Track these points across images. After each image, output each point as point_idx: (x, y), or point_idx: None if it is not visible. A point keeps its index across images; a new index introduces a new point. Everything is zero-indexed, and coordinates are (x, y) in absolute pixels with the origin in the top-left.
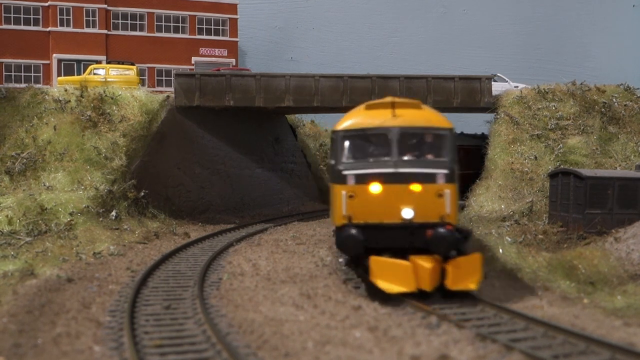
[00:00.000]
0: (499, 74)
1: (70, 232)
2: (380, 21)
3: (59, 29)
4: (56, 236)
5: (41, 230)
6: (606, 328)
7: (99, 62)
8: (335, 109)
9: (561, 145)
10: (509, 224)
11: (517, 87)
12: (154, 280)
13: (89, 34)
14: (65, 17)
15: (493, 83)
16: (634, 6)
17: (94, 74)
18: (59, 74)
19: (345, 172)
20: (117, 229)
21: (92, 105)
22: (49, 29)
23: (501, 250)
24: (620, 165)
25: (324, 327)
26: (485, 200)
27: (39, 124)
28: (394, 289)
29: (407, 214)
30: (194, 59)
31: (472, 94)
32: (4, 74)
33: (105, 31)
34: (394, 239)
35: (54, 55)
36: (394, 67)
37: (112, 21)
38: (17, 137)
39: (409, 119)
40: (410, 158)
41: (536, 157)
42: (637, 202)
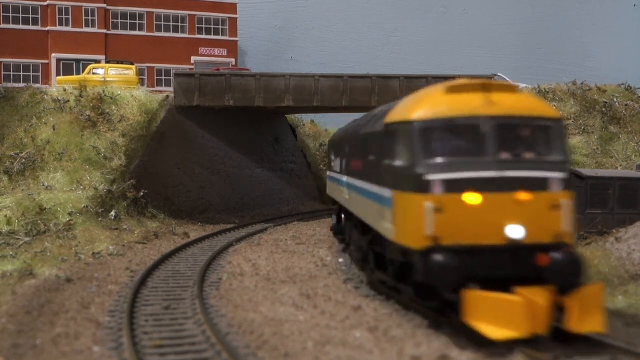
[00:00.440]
0: (499, 74)
1: (70, 232)
2: (380, 21)
3: (58, 28)
4: (55, 236)
5: (40, 230)
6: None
7: (98, 61)
8: (335, 108)
9: None
10: None
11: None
12: (154, 280)
13: (88, 34)
14: (64, 16)
15: None
16: (634, 6)
17: (93, 73)
18: (58, 74)
19: (429, 177)
20: (117, 229)
21: (92, 105)
22: (48, 28)
23: None
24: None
25: (324, 327)
26: None
27: (38, 123)
28: (501, 334)
29: (514, 232)
30: (193, 58)
31: None
32: (3, 73)
33: (105, 31)
34: (494, 267)
35: (53, 54)
36: (394, 67)
37: (111, 21)
38: (16, 137)
39: (508, 106)
40: (512, 157)
41: None
42: (638, 202)
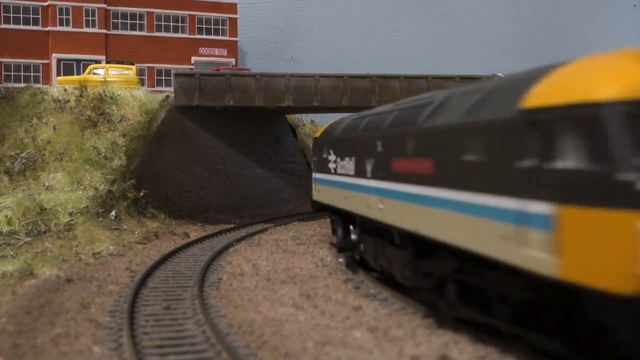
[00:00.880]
0: (499, 74)
1: (70, 232)
2: (380, 21)
3: (59, 28)
4: (55, 236)
5: (40, 230)
6: None
7: (98, 61)
8: (335, 108)
9: None
10: None
11: None
12: (154, 280)
13: (89, 34)
14: (64, 16)
15: None
16: (634, 6)
17: (94, 73)
18: (58, 74)
19: None
20: (117, 229)
21: (92, 105)
22: (48, 28)
23: None
24: None
25: (324, 327)
26: None
27: (38, 123)
28: None
29: None
30: (193, 58)
31: None
32: (3, 73)
33: (105, 31)
34: None
35: (53, 54)
36: (394, 67)
37: (111, 21)
38: (16, 137)
39: None
40: None
41: None
42: None
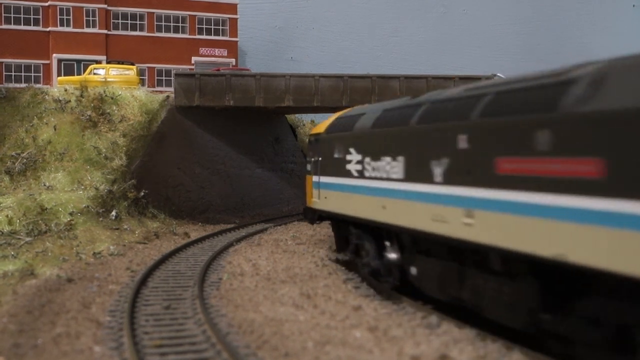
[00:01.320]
0: (498, 74)
1: (70, 232)
2: (380, 21)
3: (59, 28)
4: (56, 236)
5: (41, 230)
6: None
7: (99, 62)
8: (335, 109)
9: None
10: None
11: None
12: (154, 280)
13: (89, 34)
14: (65, 17)
15: None
16: (634, 6)
17: (94, 73)
18: (59, 74)
19: None
20: (117, 229)
21: (92, 105)
22: (49, 28)
23: None
24: None
25: (324, 327)
26: None
27: (39, 123)
28: None
29: None
30: (193, 58)
31: None
32: (4, 73)
33: (105, 31)
34: None
35: (54, 55)
36: (394, 67)
37: (112, 21)
38: (17, 137)
39: None
40: None
41: None
42: None
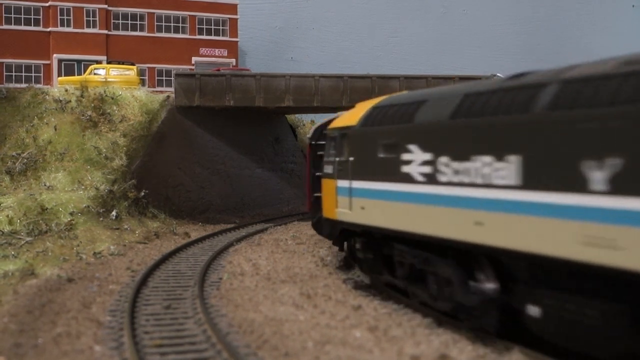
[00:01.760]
0: (498, 74)
1: (71, 232)
2: (380, 21)
3: (60, 29)
4: (56, 236)
5: (42, 230)
6: None
7: (99, 62)
8: (335, 109)
9: None
10: None
11: None
12: (154, 280)
13: (90, 34)
14: (65, 17)
15: None
16: (633, 6)
17: (95, 74)
18: (59, 74)
19: None
20: (118, 228)
21: (93, 105)
22: (49, 29)
23: None
24: None
25: (324, 326)
26: None
27: (39, 124)
28: None
29: None
30: (194, 59)
31: None
32: (4, 74)
33: (106, 31)
34: None
35: (54, 55)
36: (394, 67)
37: (112, 21)
38: (17, 137)
39: None
40: None
41: None
42: None
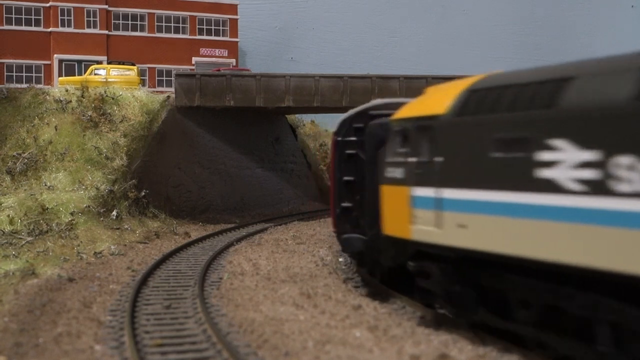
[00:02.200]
0: None
1: (71, 232)
2: (380, 21)
3: (60, 29)
4: (57, 236)
5: (42, 230)
6: None
7: (99, 62)
8: (335, 109)
9: None
10: None
11: None
12: (155, 279)
13: (90, 35)
14: (66, 17)
15: None
16: (632, 6)
17: (95, 74)
18: (60, 74)
19: None
20: (118, 228)
21: (93, 105)
22: (50, 29)
23: None
24: None
25: (324, 326)
26: None
27: (40, 124)
28: None
29: None
30: (194, 59)
31: None
32: (5, 74)
33: (106, 31)
34: None
35: (55, 55)
36: (394, 67)
37: (112, 22)
38: (18, 137)
39: None
40: None
41: None
42: None
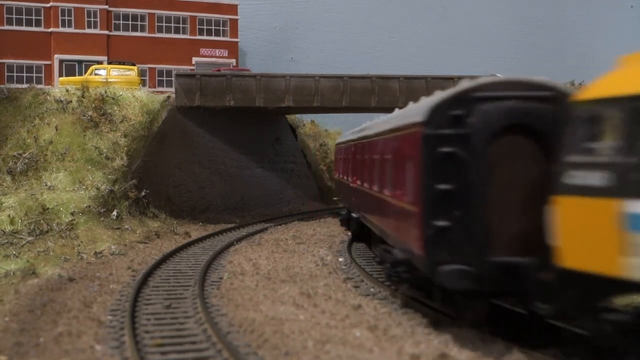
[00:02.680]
0: (498, 74)
1: (72, 232)
2: (380, 21)
3: (61, 29)
4: (58, 236)
5: (43, 229)
6: None
7: (100, 62)
8: (335, 109)
9: None
10: None
11: None
12: (155, 279)
13: (90, 35)
14: (66, 17)
15: None
16: (632, 7)
17: (95, 74)
18: (60, 75)
19: None
20: (118, 228)
21: (94, 105)
22: (50, 29)
23: None
24: None
25: (324, 326)
26: None
27: (40, 124)
28: None
29: None
30: (194, 59)
31: None
32: (6, 74)
33: (107, 32)
34: None
35: (55, 55)
36: (393, 68)
37: (113, 22)
38: (18, 137)
39: None
40: None
41: None
42: None
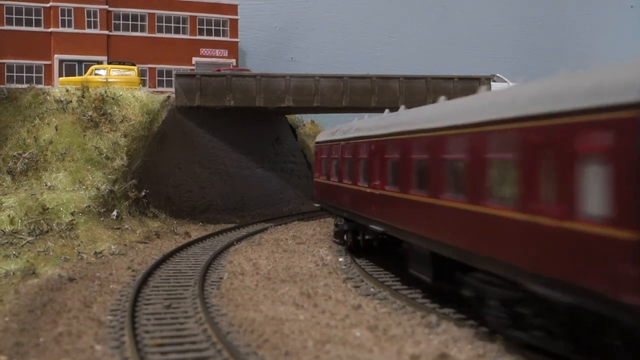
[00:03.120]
0: (498, 74)
1: (72, 232)
2: (380, 21)
3: (61, 29)
4: (58, 236)
5: (43, 229)
6: None
7: (100, 62)
8: (335, 109)
9: None
10: None
11: None
12: (155, 279)
13: (90, 35)
14: (66, 17)
15: (492, 83)
16: (632, 7)
17: (95, 74)
18: (60, 75)
19: None
20: (118, 228)
21: (94, 105)
22: (50, 29)
23: None
24: None
25: (324, 326)
26: None
27: (40, 124)
28: None
29: None
30: (194, 59)
31: (471, 94)
32: (5, 74)
33: (107, 32)
34: None
35: (55, 55)
36: (394, 67)
37: (113, 22)
38: (18, 137)
39: None
40: None
41: None
42: None
